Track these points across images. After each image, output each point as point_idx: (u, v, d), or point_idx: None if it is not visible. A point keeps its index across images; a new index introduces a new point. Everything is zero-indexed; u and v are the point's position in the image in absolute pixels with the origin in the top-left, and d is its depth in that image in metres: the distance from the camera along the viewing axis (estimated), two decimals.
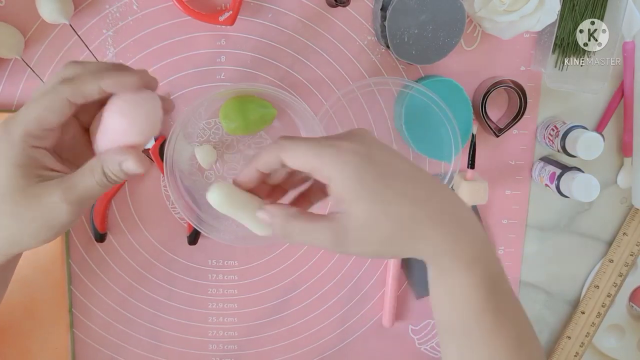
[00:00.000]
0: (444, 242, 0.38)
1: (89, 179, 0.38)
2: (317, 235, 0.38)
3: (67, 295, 0.59)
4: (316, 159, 0.38)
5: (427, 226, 0.38)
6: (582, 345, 0.67)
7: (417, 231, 0.38)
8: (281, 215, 0.39)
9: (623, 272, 0.66)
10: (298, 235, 0.39)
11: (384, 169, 0.38)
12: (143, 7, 0.55)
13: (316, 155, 0.38)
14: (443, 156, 0.59)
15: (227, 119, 0.55)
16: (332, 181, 0.38)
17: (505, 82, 0.58)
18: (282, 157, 0.39)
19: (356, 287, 0.64)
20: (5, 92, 0.56)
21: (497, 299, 0.40)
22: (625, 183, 0.64)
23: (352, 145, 0.38)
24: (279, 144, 0.39)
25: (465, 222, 0.40)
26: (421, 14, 0.52)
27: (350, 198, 0.37)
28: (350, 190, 0.37)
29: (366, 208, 0.37)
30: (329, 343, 0.65)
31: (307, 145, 0.38)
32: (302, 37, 0.58)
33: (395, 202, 0.38)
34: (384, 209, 0.37)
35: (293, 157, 0.38)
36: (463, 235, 0.39)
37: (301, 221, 0.39)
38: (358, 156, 0.38)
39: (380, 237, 0.38)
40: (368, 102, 0.60)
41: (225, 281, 0.62)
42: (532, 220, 0.65)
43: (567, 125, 0.58)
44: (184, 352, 0.63)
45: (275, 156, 0.39)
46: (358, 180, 0.37)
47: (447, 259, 0.39)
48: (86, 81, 0.37)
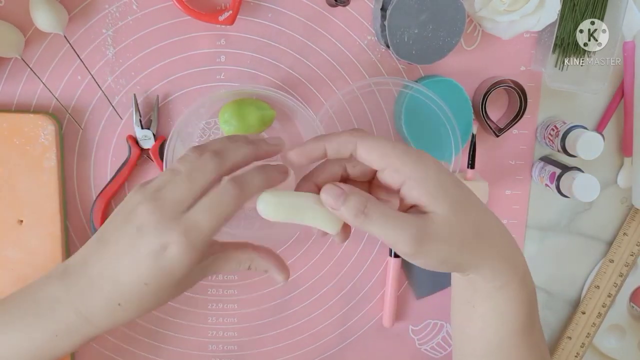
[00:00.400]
0: (506, 254, 0.40)
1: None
2: (399, 228, 0.36)
3: None
4: (398, 157, 0.38)
5: (494, 237, 0.40)
6: (583, 346, 0.67)
7: (488, 240, 0.39)
8: (358, 195, 0.37)
9: (623, 272, 0.66)
10: (377, 222, 0.37)
11: (456, 179, 0.40)
12: (143, 6, 0.55)
13: (399, 155, 0.38)
14: (443, 156, 0.59)
15: (226, 124, 0.55)
16: (410, 181, 0.38)
17: (506, 82, 0.58)
18: (358, 147, 0.38)
19: (356, 288, 0.64)
20: (5, 92, 0.56)
21: (534, 317, 0.43)
22: (626, 183, 0.64)
23: (426, 154, 0.39)
24: (359, 133, 0.39)
25: (512, 239, 0.42)
26: (421, 14, 0.52)
27: (432, 200, 0.37)
28: (432, 192, 0.37)
29: (450, 210, 0.38)
30: (329, 343, 0.65)
31: (389, 142, 0.38)
32: (302, 37, 0.58)
33: (472, 209, 0.39)
34: (466, 214, 0.38)
35: (372, 148, 0.38)
36: (515, 249, 0.41)
37: (383, 207, 0.37)
38: (437, 164, 0.39)
39: (461, 239, 0.38)
40: (368, 102, 0.60)
41: (225, 281, 0.62)
42: (532, 221, 0.65)
43: (567, 125, 0.58)
44: (184, 352, 0.63)
45: (351, 142, 0.39)
46: (440, 183, 0.38)
47: (506, 274, 0.40)
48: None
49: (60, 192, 0.56)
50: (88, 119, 0.57)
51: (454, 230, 0.38)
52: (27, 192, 0.55)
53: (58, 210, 0.56)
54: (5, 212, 0.55)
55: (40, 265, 0.56)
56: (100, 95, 0.57)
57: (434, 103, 0.56)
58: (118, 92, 0.57)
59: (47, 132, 0.55)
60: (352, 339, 0.65)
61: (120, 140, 0.58)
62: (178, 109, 0.58)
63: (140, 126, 0.57)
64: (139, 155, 0.57)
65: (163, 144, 0.57)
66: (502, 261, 0.40)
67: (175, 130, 0.52)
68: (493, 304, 0.42)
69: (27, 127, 0.54)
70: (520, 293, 0.41)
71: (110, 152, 0.58)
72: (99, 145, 0.58)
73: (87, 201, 0.59)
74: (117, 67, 0.56)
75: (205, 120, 0.58)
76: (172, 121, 0.58)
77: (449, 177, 0.39)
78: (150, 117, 0.57)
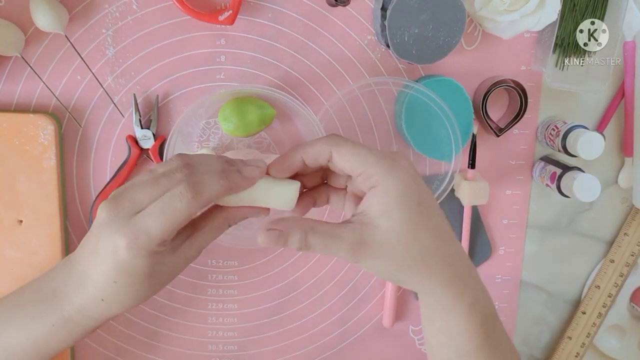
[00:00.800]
0: (451, 281, 0.40)
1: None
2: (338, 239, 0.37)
3: None
4: (371, 165, 0.38)
5: (443, 264, 0.39)
6: (583, 346, 0.67)
7: (434, 266, 0.39)
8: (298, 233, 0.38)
9: (624, 273, 0.66)
10: (319, 245, 0.38)
11: (426, 197, 0.39)
12: (143, 6, 0.55)
13: (372, 163, 0.38)
14: (443, 156, 0.59)
15: (225, 121, 0.55)
16: (377, 190, 0.38)
17: (506, 82, 0.58)
18: (333, 155, 0.39)
19: (356, 288, 0.64)
20: (5, 91, 0.56)
21: (493, 338, 0.42)
22: (626, 183, 0.64)
23: (406, 164, 0.39)
24: (334, 140, 0.39)
25: (468, 268, 0.41)
26: (421, 14, 0.52)
27: (386, 213, 0.37)
28: (389, 206, 0.37)
29: (399, 227, 0.37)
30: (329, 343, 0.65)
31: (363, 149, 0.38)
32: (302, 36, 0.57)
33: (426, 232, 0.38)
34: (416, 234, 0.38)
35: (347, 156, 0.38)
36: (467, 278, 0.41)
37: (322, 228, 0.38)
38: (410, 177, 0.38)
39: (401, 258, 0.38)
40: (368, 102, 0.60)
41: (225, 281, 0.62)
42: (533, 220, 0.65)
43: (568, 125, 0.58)
44: (184, 352, 0.63)
45: (326, 150, 0.39)
46: (404, 198, 0.37)
47: (451, 298, 0.40)
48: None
49: (59, 192, 0.56)
50: (88, 118, 0.57)
51: (396, 247, 0.38)
52: (26, 192, 0.55)
53: (58, 210, 0.56)
54: (5, 212, 0.55)
55: (40, 265, 0.56)
56: (100, 95, 0.57)
57: (434, 103, 0.56)
58: (118, 92, 0.57)
59: (46, 132, 0.55)
60: (352, 339, 0.65)
61: (120, 140, 0.58)
62: (178, 109, 0.58)
63: (140, 126, 0.57)
64: (139, 155, 0.57)
65: (163, 144, 0.57)
66: (445, 287, 0.40)
67: (175, 130, 0.52)
68: (444, 323, 0.42)
69: (27, 127, 0.54)
70: (470, 318, 0.40)
71: (110, 152, 0.58)
72: (98, 145, 0.58)
73: (86, 201, 0.58)
74: (117, 66, 0.56)
75: (205, 120, 0.58)
76: (172, 121, 0.58)
77: (416, 195, 0.38)
78: (150, 116, 0.57)
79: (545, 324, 0.68)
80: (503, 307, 0.66)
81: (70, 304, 0.40)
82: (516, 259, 0.65)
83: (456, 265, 0.40)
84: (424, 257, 0.38)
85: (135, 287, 0.38)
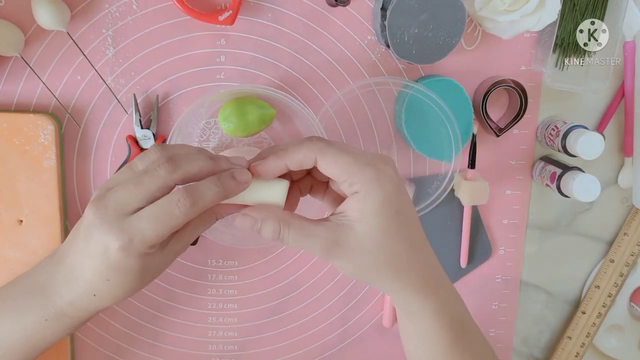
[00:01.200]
0: (419, 286, 0.41)
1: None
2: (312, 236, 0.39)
3: None
4: (354, 175, 0.38)
5: (411, 270, 0.40)
6: (583, 346, 0.67)
7: (403, 272, 0.40)
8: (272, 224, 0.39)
9: (624, 272, 0.66)
10: (293, 239, 0.39)
11: (405, 206, 0.40)
12: (143, 6, 0.55)
13: (356, 172, 0.38)
14: (443, 156, 0.59)
15: (225, 120, 0.55)
16: (359, 196, 0.38)
17: (506, 82, 0.58)
18: (318, 161, 0.39)
19: (356, 288, 0.64)
20: (5, 91, 0.56)
21: (463, 341, 0.43)
22: (626, 183, 0.64)
23: (390, 172, 0.39)
24: (318, 147, 0.39)
25: (437, 275, 0.42)
26: (421, 14, 0.52)
27: (366, 218, 0.38)
28: (370, 213, 0.38)
29: (376, 233, 0.38)
30: (328, 343, 0.65)
31: (348, 157, 0.39)
32: (302, 36, 0.57)
33: (399, 239, 0.39)
34: (389, 241, 0.39)
35: (331, 164, 0.39)
36: (435, 284, 0.42)
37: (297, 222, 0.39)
38: (393, 186, 0.39)
39: (371, 262, 0.39)
40: (368, 102, 0.60)
41: (225, 281, 0.62)
42: (533, 220, 0.65)
43: (568, 125, 0.58)
44: (184, 352, 0.63)
45: (311, 158, 0.39)
46: (384, 207, 0.38)
47: (417, 302, 0.41)
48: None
49: (60, 192, 0.56)
50: (88, 118, 0.57)
51: (368, 252, 0.39)
52: (27, 192, 0.55)
53: (58, 210, 0.56)
54: (5, 212, 0.55)
55: None
56: (100, 95, 0.57)
57: (434, 103, 0.56)
58: (118, 92, 0.57)
59: (46, 132, 0.55)
60: (352, 339, 0.65)
61: (120, 140, 0.58)
62: (178, 109, 0.58)
63: (140, 126, 0.57)
64: None
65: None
66: (412, 291, 0.41)
67: (175, 129, 0.52)
68: (413, 325, 0.43)
69: (27, 127, 0.54)
70: (437, 321, 0.42)
71: (110, 152, 0.58)
72: (98, 145, 0.58)
73: (86, 201, 0.58)
74: (117, 67, 0.56)
75: (205, 120, 0.58)
76: (172, 121, 0.58)
77: (395, 204, 0.39)
78: (150, 116, 0.57)
79: (545, 324, 0.68)
80: (503, 307, 0.66)
81: (61, 298, 0.41)
82: (516, 259, 0.65)
83: (424, 271, 0.41)
84: (394, 262, 0.39)
85: (126, 284, 0.39)
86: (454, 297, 0.44)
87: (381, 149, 0.61)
